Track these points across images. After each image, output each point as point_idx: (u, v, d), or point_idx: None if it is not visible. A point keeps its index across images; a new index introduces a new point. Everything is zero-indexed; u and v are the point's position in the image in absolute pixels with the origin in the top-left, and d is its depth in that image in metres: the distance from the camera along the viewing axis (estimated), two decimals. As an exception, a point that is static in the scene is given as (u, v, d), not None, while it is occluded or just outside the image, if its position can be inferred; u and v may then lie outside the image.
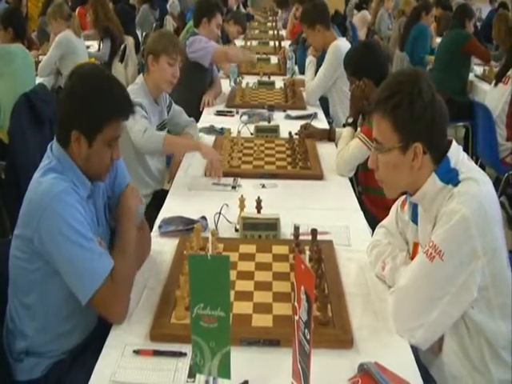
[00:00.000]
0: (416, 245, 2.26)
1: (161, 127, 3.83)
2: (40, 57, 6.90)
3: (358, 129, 3.60)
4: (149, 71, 3.71)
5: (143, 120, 3.45)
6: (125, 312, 2.13)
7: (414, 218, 2.27)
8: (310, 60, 5.46)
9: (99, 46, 7.87)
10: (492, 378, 2.06)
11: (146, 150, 3.56)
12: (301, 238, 2.52)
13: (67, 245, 2.05)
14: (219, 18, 5.35)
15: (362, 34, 11.88)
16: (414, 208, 2.26)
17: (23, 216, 2.15)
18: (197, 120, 4.33)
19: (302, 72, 6.02)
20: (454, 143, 2.13)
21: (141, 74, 3.83)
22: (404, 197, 2.37)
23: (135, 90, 3.61)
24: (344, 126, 3.82)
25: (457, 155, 2.09)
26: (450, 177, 2.04)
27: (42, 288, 2.18)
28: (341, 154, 3.52)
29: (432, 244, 1.98)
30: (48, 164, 2.17)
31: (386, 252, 2.37)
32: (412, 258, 2.24)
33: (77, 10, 9.87)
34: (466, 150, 2.19)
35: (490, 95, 5.81)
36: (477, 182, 2.01)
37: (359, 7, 13.01)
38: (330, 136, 4.11)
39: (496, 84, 5.70)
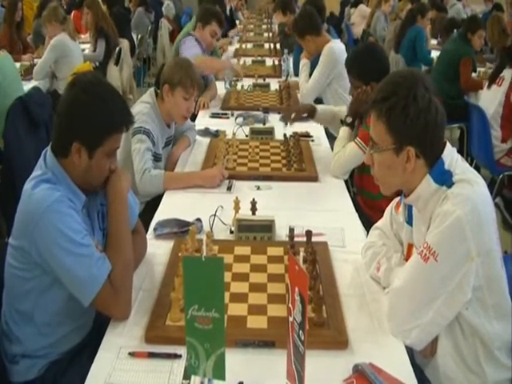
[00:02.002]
0: (410, 246, 2.27)
1: (167, 142, 3.80)
2: (35, 60, 6.89)
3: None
4: (163, 99, 3.61)
5: (146, 154, 3.37)
6: (127, 310, 2.14)
7: (409, 220, 2.27)
8: (304, 63, 5.47)
9: (94, 46, 7.86)
10: (486, 378, 2.07)
11: (144, 193, 3.36)
12: (296, 239, 2.52)
13: (64, 255, 2.05)
14: (215, 27, 5.35)
15: (360, 30, 11.90)
16: (409, 209, 2.26)
17: (17, 227, 2.15)
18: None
19: (298, 74, 6.03)
20: (448, 145, 2.13)
21: (151, 90, 3.72)
22: (398, 198, 2.38)
23: (146, 111, 3.52)
24: (341, 122, 3.79)
25: (451, 157, 2.10)
26: (444, 178, 2.05)
27: (37, 296, 2.18)
28: (337, 156, 3.52)
29: (426, 245, 1.99)
30: (41, 175, 2.15)
31: (380, 253, 2.37)
32: (406, 260, 2.25)
33: (72, 13, 9.87)
34: (461, 151, 2.21)
35: (484, 97, 5.83)
36: (470, 184, 2.02)
37: (356, 4, 13.03)
38: (311, 113, 4.09)
39: (489, 86, 5.72)
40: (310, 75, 5.29)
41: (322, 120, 4.12)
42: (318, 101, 5.31)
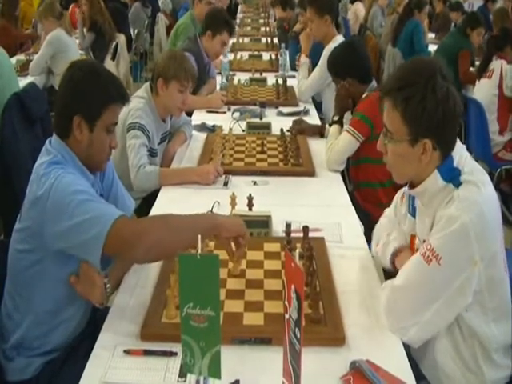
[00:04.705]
0: (413, 237, 2.26)
1: (163, 137, 3.79)
2: (31, 56, 6.87)
3: (345, 126, 3.64)
4: (158, 93, 3.59)
5: (141, 150, 3.36)
6: (149, 252, 2.05)
7: (412, 211, 2.27)
8: (304, 61, 5.37)
9: (83, 37, 7.84)
10: (484, 378, 2.06)
11: (139, 189, 3.35)
12: (293, 235, 2.51)
13: (74, 205, 2.05)
14: (225, 37, 5.09)
15: (356, 29, 11.88)
16: (412, 201, 2.25)
17: (27, 207, 2.18)
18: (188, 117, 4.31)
19: (294, 68, 6.01)
20: (458, 142, 2.09)
21: (146, 85, 3.71)
22: (403, 189, 2.36)
23: (141, 106, 3.52)
24: (330, 125, 3.85)
25: (460, 154, 2.06)
26: (452, 176, 2.02)
27: (41, 280, 2.20)
28: (330, 148, 3.55)
29: (430, 247, 1.96)
30: (51, 158, 2.19)
31: (384, 232, 2.37)
32: (410, 249, 2.26)
33: (70, 7, 9.82)
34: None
35: (477, 90, 5.84)
36: (477, 186, 1.98)
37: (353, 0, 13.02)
38: (321, 132, 4.10)
39: (479, 79, 5.73)
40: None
41: None
42: (316, 95, 5.29)
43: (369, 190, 3.62)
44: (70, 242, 2.08)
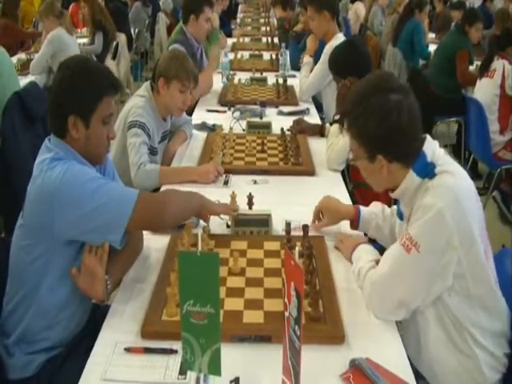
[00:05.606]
0: None
1: (163, 136, 3.80)
2: (32, 55, 6.88)
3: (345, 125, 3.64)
4: (159, 92, 3.60)
5: (142, 148, 3.35)
6: (175, 217, 2.43)
7: (399, 215, 2.31)
8: (307, 61, 5.35)
9: (92, 40, 7.85)
10: (478, 359, 2.10)
11: (140, 187, 3.21)
12: (292, 233, 2.52)
13: (91, 191, 2.12)
14: (208, 12, 5.13)
15: (356, 28, 11.89)
16: (399, 203, 2.30)
17: (33, 204, 2.19)
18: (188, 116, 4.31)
19: (294, 67, 6.01)
20: (429, 138, 2.15)
21: (147, 83, 3.71)
22: None
23: (141, 105, 3.53)
24: (331, 124, 3.85)
25: (432, 150, 2.11)
26: (427, 171, 2.07)
27: (46, 274, 2.21)
28: (330, 148, 3.54)
29: (408, 236, 2.01)
30: (53, 155, 2.21)
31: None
32: None
33: (71, 6, 9.83)
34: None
35: (478, 89, 5.84)
36: (452, 175, 2.04)
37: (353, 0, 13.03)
38: (321, 131, 4.11)
39: (481, 77, 5.74)
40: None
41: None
42: (317, 94, 5.29)
43: (369, 189, 3.61)
44: (90, 225, 2.13)
